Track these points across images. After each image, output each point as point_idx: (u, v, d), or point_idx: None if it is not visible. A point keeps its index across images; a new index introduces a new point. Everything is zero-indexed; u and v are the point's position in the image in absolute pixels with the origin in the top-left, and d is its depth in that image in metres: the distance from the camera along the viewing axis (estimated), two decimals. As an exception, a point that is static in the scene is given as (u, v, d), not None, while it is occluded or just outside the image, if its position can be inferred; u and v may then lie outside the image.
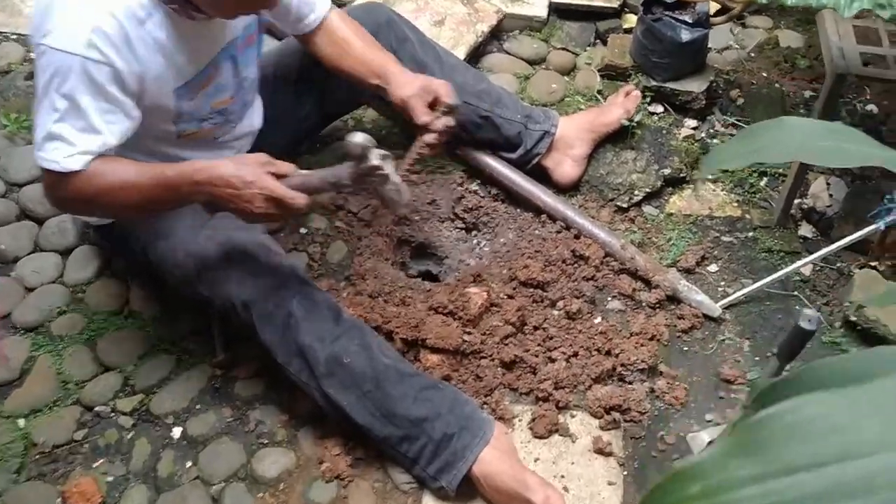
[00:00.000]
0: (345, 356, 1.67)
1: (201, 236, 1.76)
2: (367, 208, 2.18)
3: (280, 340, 1.69)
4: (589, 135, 2.20)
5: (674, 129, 2.34)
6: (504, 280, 2.05)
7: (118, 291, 2.01)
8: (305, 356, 1.68)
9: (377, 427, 1.67)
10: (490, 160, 2.22)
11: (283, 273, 1.72)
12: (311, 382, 1.69)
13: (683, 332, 1.98)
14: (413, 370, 1.72)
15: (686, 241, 2.14)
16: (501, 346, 1.89)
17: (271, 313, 1.68)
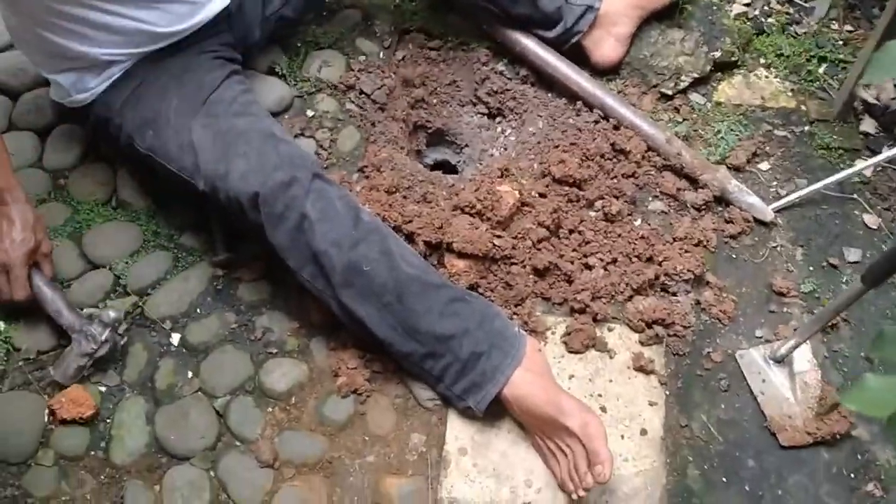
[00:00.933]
0: (364, 264, 1.48)
1: (197, 123, 1.54)
2: (381, 88, 1.94)
3: (291, 244, 1.50)
4: (636, 11, 1.95)
5: (725, 6, 2.08)
6: (535, 176, 1.84)
7: (105, 179, 1.79)
8: (320, 262, 1.49)
9: (399, 342, 1.50)
10: (520, 36, 1.97)
11: (296, 166, 1.50)
12: (327, 291, 1.51)
13: (732, 238, 1.80)
14: (439, 280, 1.54)
15: (736, 134, 1.93)
16: (534, 252, 1.70)
17: (282, 214, 1.48)
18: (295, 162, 1.51)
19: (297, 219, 1.48)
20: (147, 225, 1.74)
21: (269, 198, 1.47)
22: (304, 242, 1.48)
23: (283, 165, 1.49)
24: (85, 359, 1.54)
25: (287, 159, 1.51)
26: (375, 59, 2.00)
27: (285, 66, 1.93)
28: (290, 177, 1.48)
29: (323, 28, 2.02)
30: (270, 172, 1.48)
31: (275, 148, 1.52)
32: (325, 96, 1.93)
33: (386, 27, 2.04)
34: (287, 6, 1.86)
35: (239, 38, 1.80)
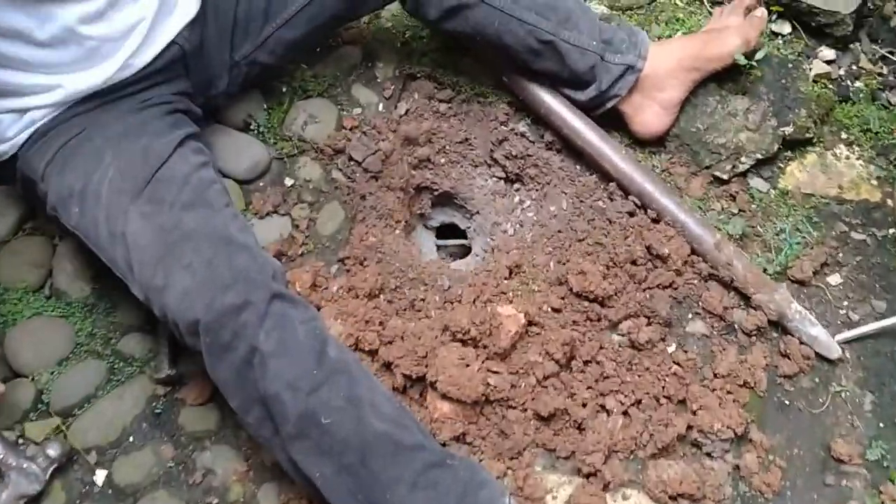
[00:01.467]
0: (324, 414, 1.18)
1: (135, 209, 1.24)
2: (375, 154, 1.61)
3: (236, 382, 1.20)
4: (688, 74, 1.57)
5: (802, 64, 1.69)
6: (550, 281, 1.52)
7: (40, 259, 1.51)
8: (270, 407, 1.19)
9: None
10: (545, 94, 1.61)
11: (252, 285, 1.19)
12: (275, 441, 1.23)
13: (786, 378, 1.47)
14: (416, 439, 1.23)
15: (803, 235, 1.58)
16: (538, 391, 1.40)
17: (228, 344, 1.18)
18: (251, 278, 1.20)
19: (247, 352, 1.18)
20: (82, 323, 1.47)
21: (214, 325, 1.18)
22: (252, 381, 1.19)
23: (237, 284, 1.19)
24: (22, 500, 1.29)
25: (242, 275, 1.20)
26: (373, 112, 1.66)
27: (263, 121, 1.61)
28: (242, 300, 1.18)
29: (314, 70, 1.68)
30: (218, 293, 1.18)
31: (228, 259, 1.21)
32: (309, 160, 1.61)
33: (389, 71, 1.70)
34: (261, 50, 1.52)
35: (199, 86, 1.49)
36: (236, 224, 1.29)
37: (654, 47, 1.58)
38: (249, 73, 1.54)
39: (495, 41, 1.52)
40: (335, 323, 1.39)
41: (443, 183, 1.75)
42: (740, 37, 1.56)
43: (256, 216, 1.54)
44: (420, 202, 1.77)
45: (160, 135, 1.32)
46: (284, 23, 1.49)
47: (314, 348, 1.20)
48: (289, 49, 1.54)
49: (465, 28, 1.52)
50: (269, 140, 1.61)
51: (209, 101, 1.53)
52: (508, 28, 1.50)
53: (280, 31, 1.50)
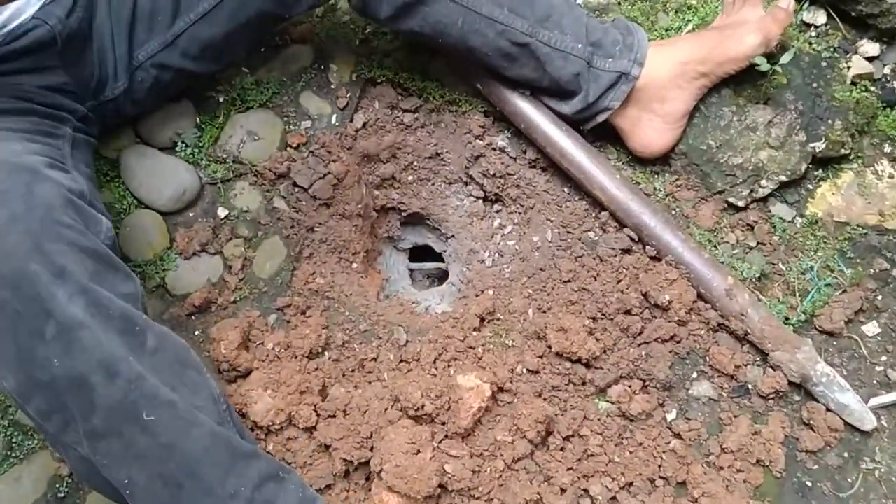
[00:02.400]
0: (147, 409, 0.94)
1: None
2: (324, 178, 1.36)
3: (19, 356, 0.91)
4: (694, 81, 1.30)
5: (838, 62, 1.41)
6: (527, 335, 1.28)
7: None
8: (66, 394, 0.92)
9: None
10: (527, 106, 1.35)
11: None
12: (66, 437, 0.96)
13: (808, 454, 1.23)
14: (252, 446, 1.01)
15: (835, 276, 1.31)
16: (507, 477, 1.17)
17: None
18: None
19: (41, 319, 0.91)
20: (-23, 386, 1.25)
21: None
22: (44, 358, 0.91)
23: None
24: None
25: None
26: (325, 124, 1.41)
27: (192, 140, 1.37)
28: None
29: (255, 75, 1.43)
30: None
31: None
32: (247, 186, 1.37)
33: (345, 75, 1.44)
34: (171, 51, 1.24)
35: (86, 85, 1.22)
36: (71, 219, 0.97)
37: (654, 49, 1.31)
38: (161, 78, 1.27)
39: (460, 44, 1.26)
40: (264, 395, 1.17)
41: (412, 203, 1.50)
42: (759, 34, 1.27)
43: (181, 256, 1.31)
44: (387, 224, 1.53)
45: (15, 169, 0.97)
46: (199, 18, 1.22)
47: (133, 328, 0.96)
48: (208, 51, 1.27)
49: (423, 28, 1.25)
50: (201, 162, 1.37)
51: (105, 106, 1.26)
52: (475, 28, 1.24)
53: (194, 29, 1.23)
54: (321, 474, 1.16)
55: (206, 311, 1.28)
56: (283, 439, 1.17)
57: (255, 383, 1.18)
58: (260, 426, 1.16)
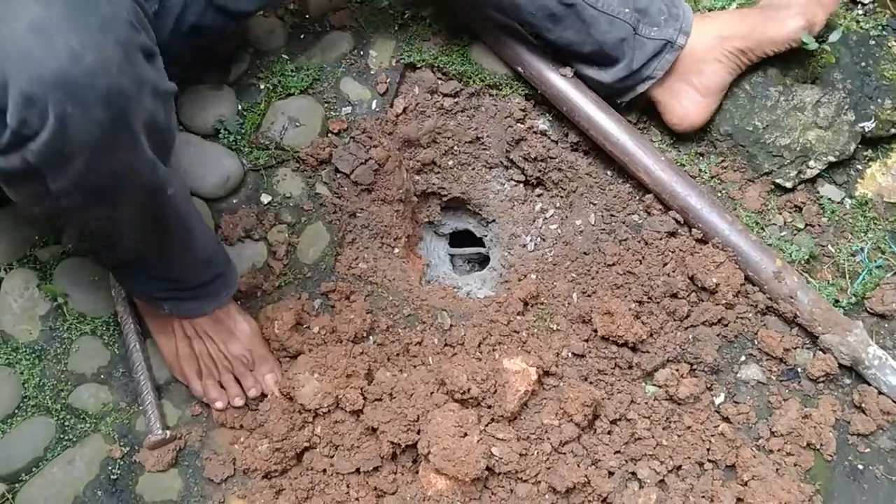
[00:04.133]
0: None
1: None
2: (366, 163, 1.37)
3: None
4: (733, 57, 1.28)
5: (887, 40, 1.38)
6: (572, 318, 1.27)
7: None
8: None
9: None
10: (571, 89, 1.34)
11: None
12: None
13: (860, 437, 1.21)
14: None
15: (885, 256, 1.29)
16: (554, 460, 1.16)
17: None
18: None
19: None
20: (29, 372, 1.27)
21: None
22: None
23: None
24: None
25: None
26: (365, 111, 1.41)
27: (235, 127, 1.38)
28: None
29: (296, 62, 1.43)
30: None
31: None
32: (289, 172, 1.38)
33: (384, 61, 1.44)
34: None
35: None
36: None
37: (696, 21, 1.29)
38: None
39: (505, 3, 1.25)
40: (311, 378, 1.17)
41: (452, 188, 1.50)
42: (804, 18, 1.25)
43: (226, 242, 1.31)
44: (427, 209, 1.53)
45: None
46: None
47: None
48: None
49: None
50: (243, 149, 1.38)
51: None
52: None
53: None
54: (368, 457, 1.16)
55: (252, 296, 1.29)
56: (331, 422, 1.17)
57: (301, 366, 1.19)
58: (307, 409, 1.16)
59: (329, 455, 1.18)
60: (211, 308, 1.17)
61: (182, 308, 1.16)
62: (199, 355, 1.21)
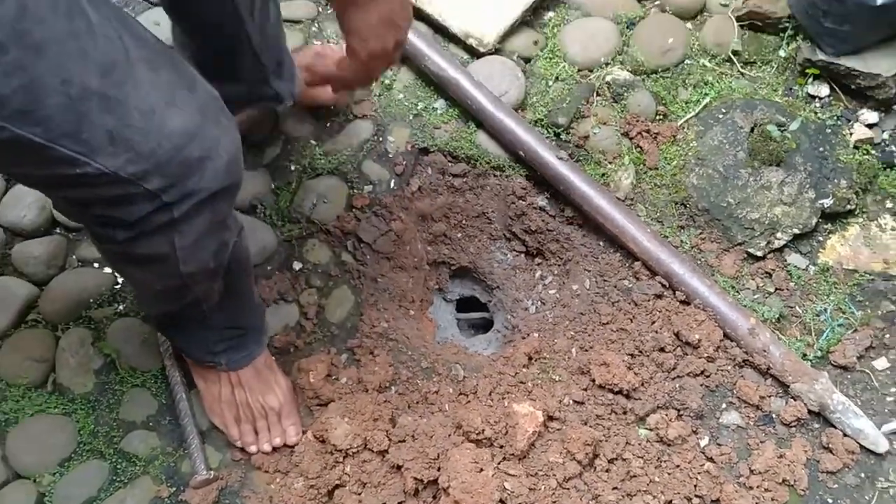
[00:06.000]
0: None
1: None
2: (386, 234, 1.55)
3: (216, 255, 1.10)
4: None
5: (842, 129, 1.59)
6: (571, 370, 1.43)
7: (42, 353, 1.46)
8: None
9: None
10: (567, 170, 1.54)
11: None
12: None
13: (829, 474, 1.36)
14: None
15: (846, 316, 1.47)
16: (560, 494, 1.30)
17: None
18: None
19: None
20: (84, 420, 1.41)
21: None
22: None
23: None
24: None
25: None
26: (384, 190, 1.60)
27: (270, 203, 1.56)
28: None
29: (324, 146, 1.62)
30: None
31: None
32: (318, 243, 1.55)
33: (401, 145, 1.64)
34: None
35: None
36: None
37: None
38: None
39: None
40: (342, 422, 1.32)
41: (460, 258, 1.67)
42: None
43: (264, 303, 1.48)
44: (437, 276, 1.70)
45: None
46: None
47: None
48: None
49: None
50: (277, 223, 1.56)
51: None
52: None
53: None
54: (394, 492, 1.30)
55: (286, 351, 1.44)
56: (360, 461, 1.32)
57: (333, 412, 1.34)
58: (339, 449, 1.31)
59: (357, 492, 1.32)
60: (258, 352, 1.33)
61: (234, 358, 1.32)
62: (238, 403, 1.36)
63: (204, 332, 1.29)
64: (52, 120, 0.79)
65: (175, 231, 0.96)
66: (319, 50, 1.62)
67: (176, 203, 0.93)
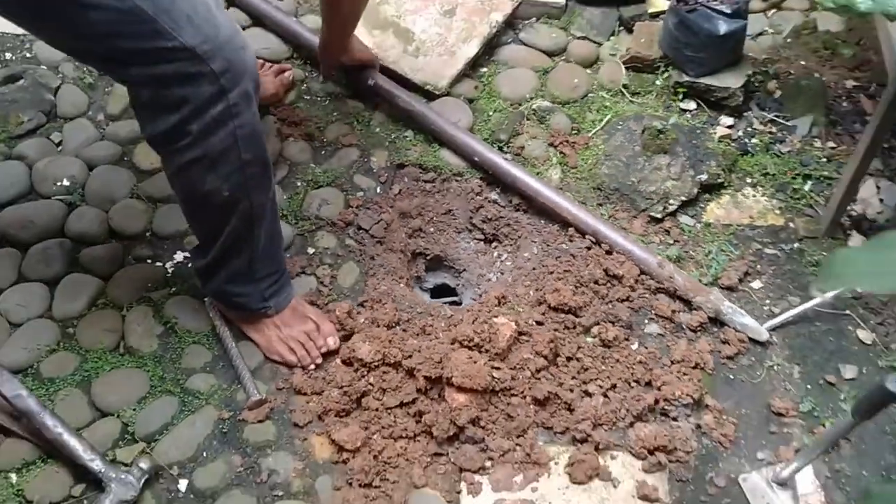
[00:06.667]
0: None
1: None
2: (378, 223, 2.00)
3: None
4: None
5: (708, 129, 2.16)
6: (532, 303, 1.88)
7: (113, 325, 1.83)
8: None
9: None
10: (511, 167, 2.04)
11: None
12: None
13: (728, 359, 1.83)
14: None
15: (726, 254, 1.98)
16: (533, 382, 1.73)
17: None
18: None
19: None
20: (154, 370, 1.78)
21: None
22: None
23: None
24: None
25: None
26: (373, 194, 2.07)
27: (285, 207, 2.00)
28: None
29: (322, 167, 2.10)
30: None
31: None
32: (325, 233, 1.99)
33: (382, 163, 2.12)
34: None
35: None
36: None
37: None
38: None
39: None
40: (364, 344, 1.73)
41: (433, 248, 2.13)
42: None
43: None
44: (416, 266, 2.14)
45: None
46: None
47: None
48: None
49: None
50: (291, 221, 2.00)
51: None
52: None
53: None
54: (408, 391, 1.70)
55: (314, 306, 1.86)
56: (380, 373, 1.72)
57: (357, 338, 1.75)
58: (364, 363, 1.71)
59: (379, 398, 1.71)
60: (293, 292, 1.78)
61: (280, 300, 1.73)
62: (287, 338, 1.75)
63: (255, 284, 1.70)
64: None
65: (233, 120, 1.39)
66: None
67: (230, 90, 1.35)
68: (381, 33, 2.33)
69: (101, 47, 1.32)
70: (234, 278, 1.70)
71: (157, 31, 1.26)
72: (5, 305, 1.85)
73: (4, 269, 1.89)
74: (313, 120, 2.20)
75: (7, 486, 1.61)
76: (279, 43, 2.36)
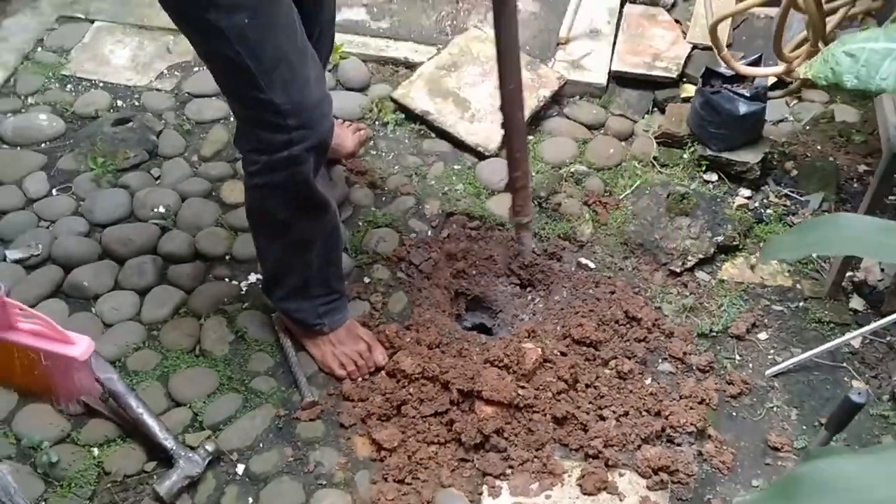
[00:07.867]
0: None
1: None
2: (427, 261, 2.27)
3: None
4: None
5: (728, 198, 2.41)
6: (557, 337, 2.12)
7: (191, 331, 2.11)
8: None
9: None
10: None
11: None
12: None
13: (732, 398, 2.03)
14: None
15: (737, 307, 2.19)
16: (554, 402, 1.95)
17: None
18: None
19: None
20: (223, 371, 2.04)
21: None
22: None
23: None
24: (187, 480, 1.81)
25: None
26: (424, 236, 2.34)
27: (348, 241, 2.29)
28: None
29: (382, 211, 2.39)
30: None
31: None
32: (380, 266, 2.26)
33: (434, 210, 2.40)
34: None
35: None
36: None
37: None
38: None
39: None
40: (407, 358, 1.98)
41: (474, 289, 2.38)
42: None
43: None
44: (458, 304, 2.39)
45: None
46: None
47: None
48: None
49: None
50: (352, 254, 2.28)
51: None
52: None
53: None
54: (442, 402, 1.93)
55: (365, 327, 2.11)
56: (419, 385, 1.96)
57: (401, 353, 2.00)
58: (406, 375, 1.96)
59: (417, 406, 1.95)
60: (348, 315, 2.02)
61: (334, 320, 2.00)
62: (340, 354, 2.01)
63: (309, 301, 1.97)
64: (262, 62, 1.56)
65: (293, 166, 1.69)
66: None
67: (296, 143, 1.66)
68: (443, 101, 2.64)
69: (222, 78, 1.69)
70: (290, 294, 1.97)
71: (255, 85, 1.59)
72: (101, 308, 2.14)
73: (104, 278, 2.20)
74: (377, 171, 2.50)
75: (89, 458, 1.88)
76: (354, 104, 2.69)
